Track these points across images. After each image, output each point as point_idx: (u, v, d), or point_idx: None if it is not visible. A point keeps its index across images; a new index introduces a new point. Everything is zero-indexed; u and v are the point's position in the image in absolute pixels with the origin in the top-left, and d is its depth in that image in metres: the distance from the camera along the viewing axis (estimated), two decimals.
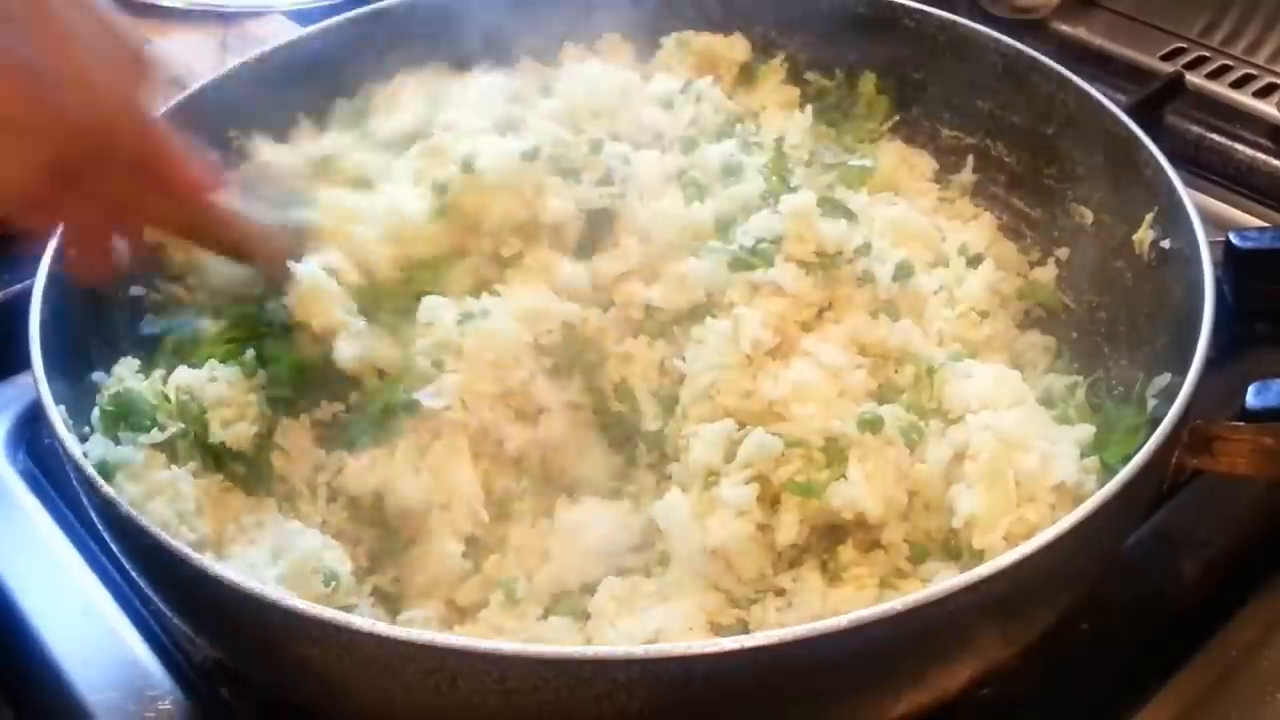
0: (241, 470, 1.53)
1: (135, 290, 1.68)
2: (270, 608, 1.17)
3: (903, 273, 1.65)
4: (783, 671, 1.15)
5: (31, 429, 1.82)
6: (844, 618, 1.14)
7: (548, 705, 1.13)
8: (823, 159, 1.88)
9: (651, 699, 1.13)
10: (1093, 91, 1.77)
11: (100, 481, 1.30)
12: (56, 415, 1.37)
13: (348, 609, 1.33)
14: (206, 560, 1.21)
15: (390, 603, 1.48)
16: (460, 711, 1.17)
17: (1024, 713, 1.49)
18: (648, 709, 1.14)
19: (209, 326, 1.63)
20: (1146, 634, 1.56)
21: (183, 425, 1.51)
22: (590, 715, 1.14)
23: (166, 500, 1.46)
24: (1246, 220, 2.15)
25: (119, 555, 1.41)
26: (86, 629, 1.58)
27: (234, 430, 1.51)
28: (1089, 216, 1.80)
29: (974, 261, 1.81)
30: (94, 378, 1.56)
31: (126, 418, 1.49)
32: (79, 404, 1.49)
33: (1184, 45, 2.45)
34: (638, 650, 1.13)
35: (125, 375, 1.55)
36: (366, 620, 1.14)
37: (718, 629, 1.41)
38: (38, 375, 1.40)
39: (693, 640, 1.24)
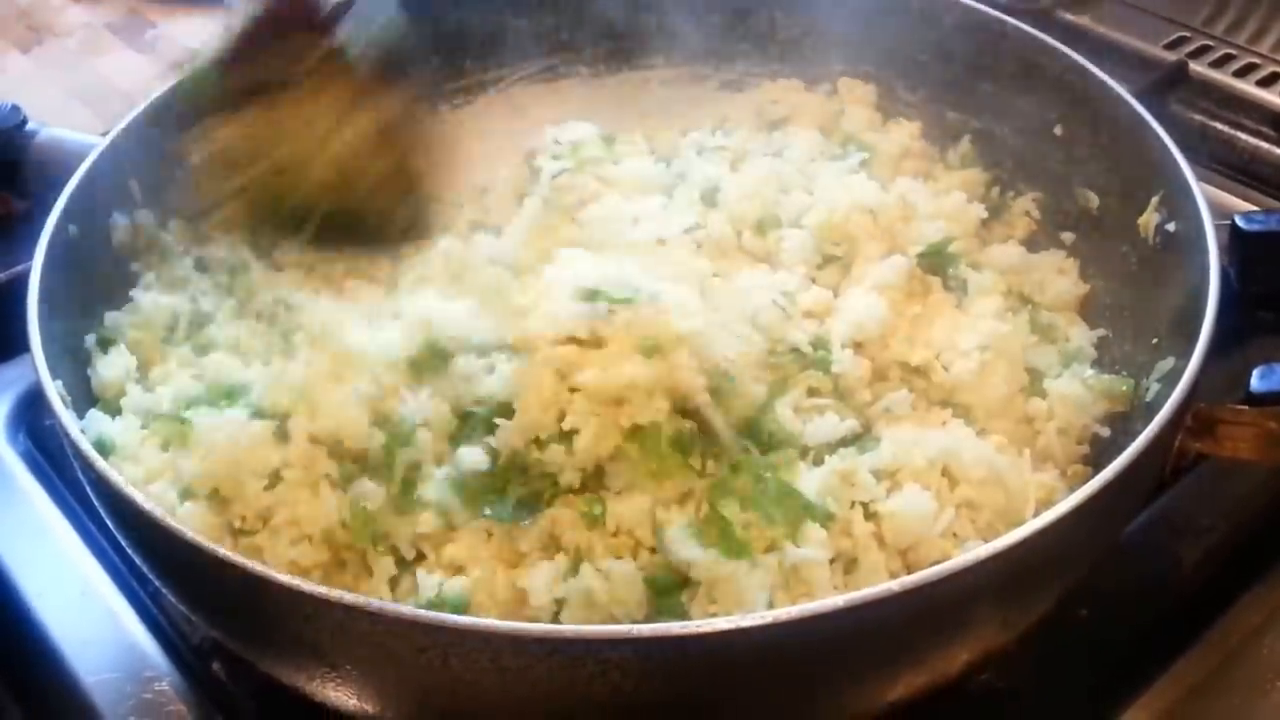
0: None
1: (134, 267, 1.69)
2: (266, 585, 1.16)
3: None
4: (778, 651, 1.15)
5: (32, 411, 1.82)
6: (840, 598, 1.13)
7: (540, 683, 1.13)
8: None
9: (645, 678, 1.13)
10: (1101, 74, 1.76)
11: (96, 458, 1.30)
12: (54, 392, 1.37)
13: None
14: (201, 538, 1.20)
15: None
16: (453, 688, 1.17)
17: (1023, 698, 1.49)
18: (641, 688, 1.13)
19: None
20: (1147, 620, 1.56)
21: None
22: (583, 694, 1.14)
23: (167, 482, 1.46)
24: (1249, 208, 2.12)
25: (115, 533, 1.41)
26: (85, 610, 1.58)
27: None
28: (1095, 200, 1.80)
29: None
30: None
31: None
32: (78, 383, 1.49)
33: (1187, 34, 2.44)
34: (630, 630, 1.13)
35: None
36: (360, 596, 1.14)
37: None
38: (36, 355, 1.40)
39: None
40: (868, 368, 1.61)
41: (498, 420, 1.46)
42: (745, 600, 1.34)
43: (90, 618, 1.58)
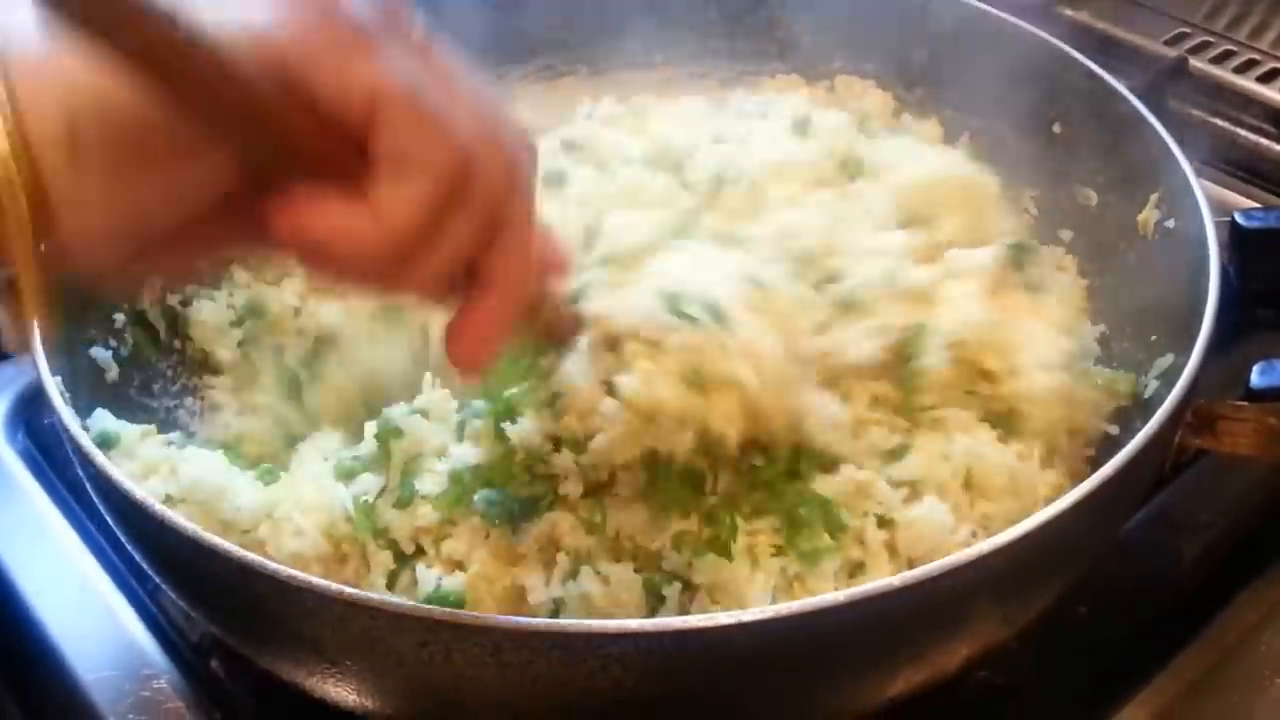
0: None
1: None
2: (265, 579, 1.16)
3: None
4: (778, 647, 1.15)
5: (31, 409, 1.82)
6: (841, 593, 1.13)
7: (542, 678, 1.13)
8: None
9: (646, 673, 1.13)
10: (1100, 71, 1.76)
11: (95, 452, 1.29)
12: (54, 389, 1.37)
13: None
14: (199, 530, 1.20)
15: None
16: (454, 683, 1.16)
17: (1022, 694, 1.49)
18: (642, 683, 1.13)
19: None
20: (1145, 617, 1.56)
21: None
22: (585, 689, 1.14)
23: (162, 478, 1.46)
24: (1249, 206, 2.12)
25: (114, 528, 1.40)
26: (83, 608, 1.58)
27: None
28: (1093, 198, 1.80)
29: None
30: (92, 354, 1.58)
31: None
32: (77, 381, 1.49)
33: (1188, 30, 2.44)
34: (632, 624, 1.12)
35: None
36: (360, 591, 1.14)
37: None
38: (35, 351, 1.40)
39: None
40: (950, 370, 1.53)
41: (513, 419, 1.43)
42: (746, 603, 1.33)
43: (88, 615, 1.58)
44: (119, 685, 1.49)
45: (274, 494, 1.46)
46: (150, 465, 1.47)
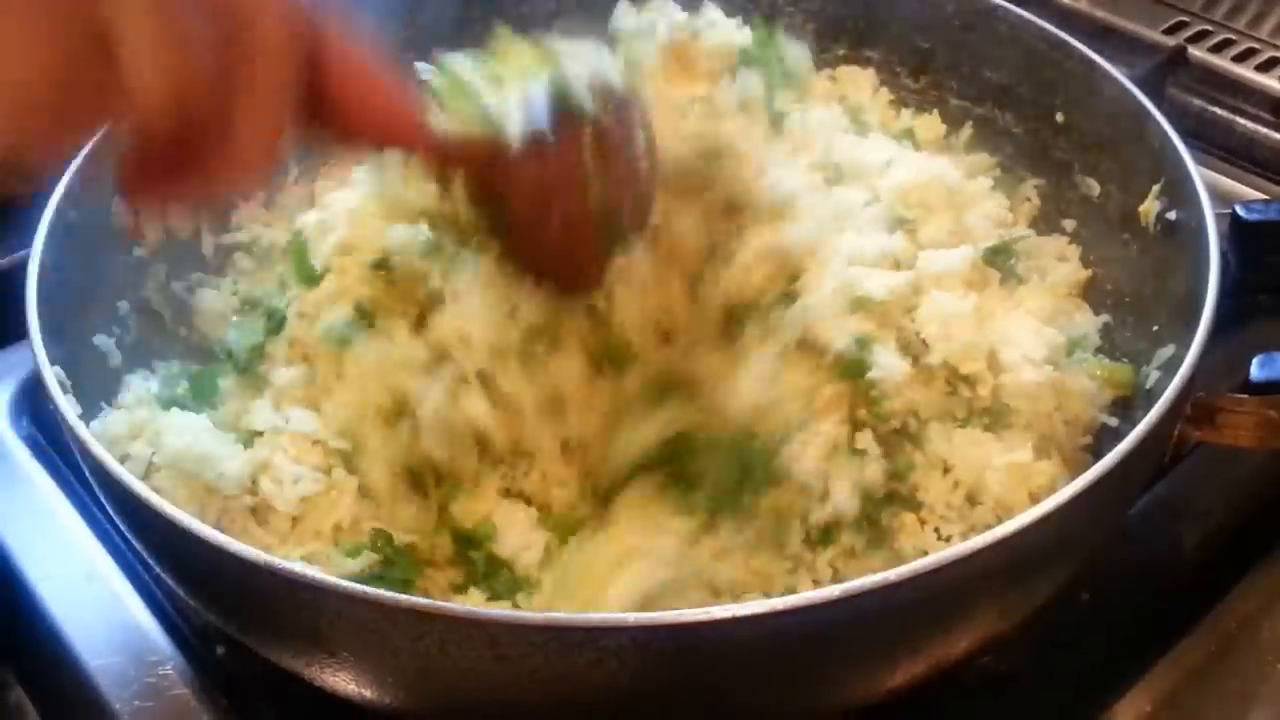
0: None
1: (138, 251, 1.69)
2: (262, 572, 1.16)
3: None
4: (775, 641, 1.15)
5: (35, 395, 1.81)
6: (837, 587, 1.13)
7: (538, 672, 1.13)
8: None
9: (642, 667, 1.13)
10: (1102, 62, 1.76)
11: (93, 442, 1.30)
12: (53, 379, 1.37)
13: None
14: (200, 525, 1.20)
15: None
16: (450, 677, 1.17)
17: (1023, 681, 1.49)
18: (638, 677, 1.14)
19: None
20: (1146, 604, 1.56)
21: None
22: (580, 683, 1.14)
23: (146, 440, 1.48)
24: (1248, 194, 2.15)
25: (117, 522, 1.41)
26: (89, 594, 1.58)
27: None
28: (1096, 188, 1.79)
29: None
30: (95, 342, 1.58)
31: None
32: (79, 369, 1.49)
33: (1186, 19, 2.44)
34: (628, 618, 1.13)
35: None
36: (357, 585, 1.14)
37: None
38: (34, 340, 1.40)
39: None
40: (920, 372, 1.52)
41: None
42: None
43: (94, 601, 1.58)
44: (125, 672, 1.49)
45: (258, 453, 1.47)
46: (135, 426, 1.50)
